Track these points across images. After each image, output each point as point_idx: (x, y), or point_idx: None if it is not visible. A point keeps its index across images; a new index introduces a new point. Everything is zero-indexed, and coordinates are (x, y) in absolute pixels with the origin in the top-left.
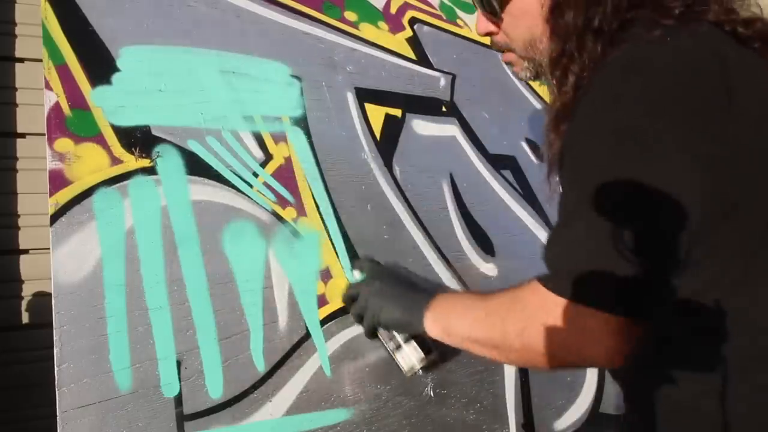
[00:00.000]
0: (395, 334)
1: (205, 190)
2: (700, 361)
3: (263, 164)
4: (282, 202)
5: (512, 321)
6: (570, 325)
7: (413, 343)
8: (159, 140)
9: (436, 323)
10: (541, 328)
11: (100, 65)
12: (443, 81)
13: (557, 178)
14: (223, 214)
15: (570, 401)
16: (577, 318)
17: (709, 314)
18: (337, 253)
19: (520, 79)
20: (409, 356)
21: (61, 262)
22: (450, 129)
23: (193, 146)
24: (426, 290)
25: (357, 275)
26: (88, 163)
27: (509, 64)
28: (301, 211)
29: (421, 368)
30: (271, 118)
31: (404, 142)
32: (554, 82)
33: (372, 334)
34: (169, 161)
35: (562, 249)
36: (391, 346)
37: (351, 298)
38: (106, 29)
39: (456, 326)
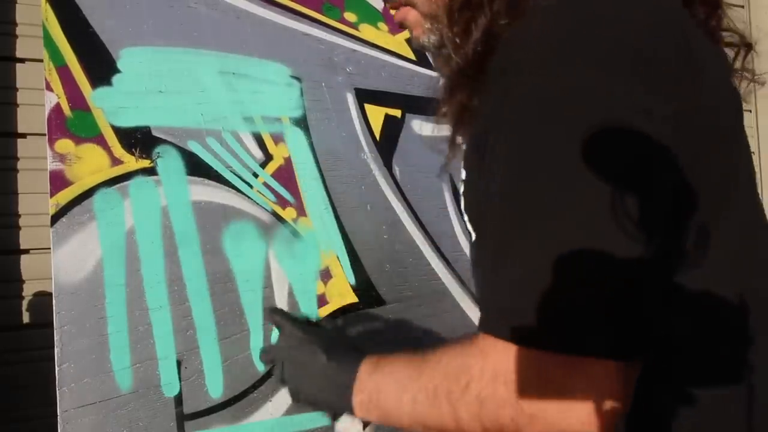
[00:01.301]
0: None
1: (205, 191)
2: (720, 369)
3: (263, 165)
4: (282, 202)
5: (464, 401)
6: (551, 387)
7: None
8: (159, 141)
9: (370, 411)
10: (509, 403)
11: (101, 66)
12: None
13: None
14: (223, 214)
15: None
16: (561, 373)
17: (727, 309)
18: (337, 253)
19: (419, 47)
20: (348, 429)
21: (62, 262)
22: (450, 129)
23: (194, 147)
24: (348, 351)
25: (274, 331)
26: (89, 163)
27: (402, 26)
28: (301, 211)
29: None
30: (271, 118)
31: (404, 143)
32: (451, 41)
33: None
34: (169, 162)
35: (514, 279)
36: (328, 415)
37: (269, 363)
38: (107, 30)
39: (396, 414)
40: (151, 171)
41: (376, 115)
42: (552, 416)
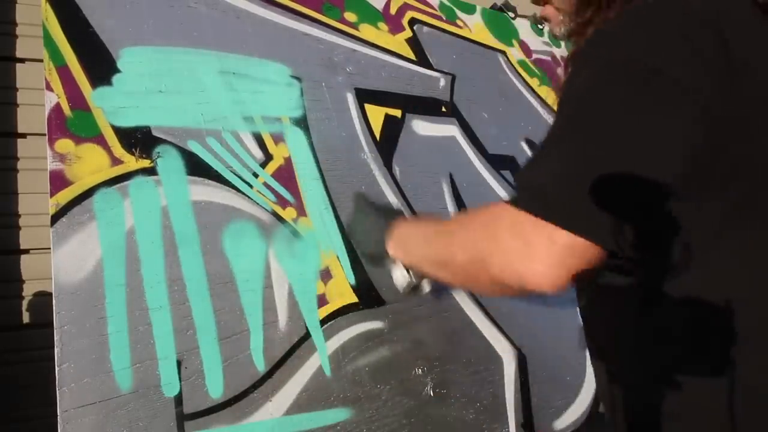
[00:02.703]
0: None
1: (205, 191)
2: (707, 362)
3: (263, 164)
4: (282, 202)
5: (461, 235)
6: (516, 236)
7: (401, 267)
8: (159, 141)
9: (398, 248)
10: (487, 239)
11: (101, 66)
12: (443, 81)
13: None
14: (223, 214)
15: (569, 401)
16: (525, 228)
17: (715, 310)
18: (337, 253)
19: (555, 36)
20: (397, 278)
21: (62, 262)
22: (450, 129)
23: (194, 147)
24: (398, 214)
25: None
26: (89, 163)
27: (545, 20)
28: (301, 211)
29: (411, 290)
30: (271, 118)
31: (404, 142)
32: (573, 33)
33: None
34: (169, 162)
35: (534, 169)
36: (388, 264)
37: (349, 229)
38: (107, 30)
39: (412, 248)
40: (151, 171)
41: (376, 115)
42: (509, 258)
